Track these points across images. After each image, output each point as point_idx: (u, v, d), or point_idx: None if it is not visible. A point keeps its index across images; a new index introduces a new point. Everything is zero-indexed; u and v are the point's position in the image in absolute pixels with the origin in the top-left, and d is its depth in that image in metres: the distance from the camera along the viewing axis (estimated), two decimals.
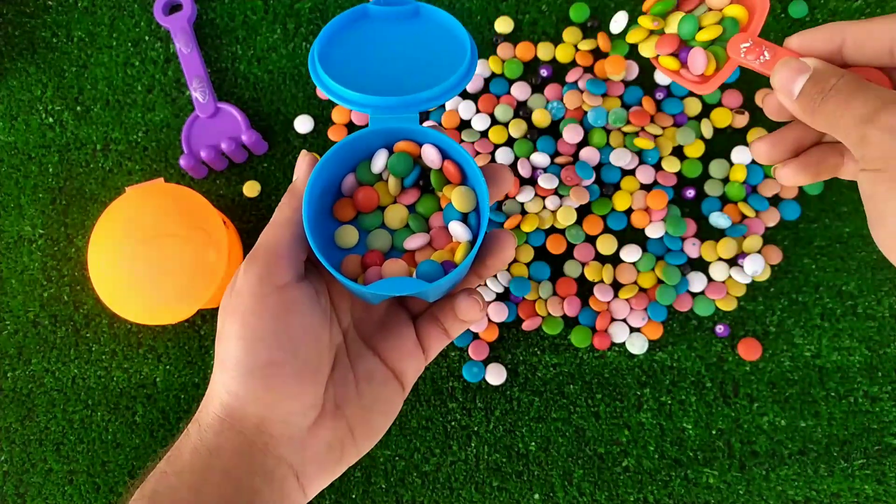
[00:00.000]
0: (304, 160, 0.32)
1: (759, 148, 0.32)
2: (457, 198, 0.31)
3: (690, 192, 0.50)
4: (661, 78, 0.51)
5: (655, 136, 0.49)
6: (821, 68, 0.28)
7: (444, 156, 0.32)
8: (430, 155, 0.32)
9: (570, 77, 0.51)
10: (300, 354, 0.29)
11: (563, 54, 0.52)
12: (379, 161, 0.32)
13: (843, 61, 0.30)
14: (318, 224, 0.31)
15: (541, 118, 0.50)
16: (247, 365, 0.28)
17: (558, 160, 0.50)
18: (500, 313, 0.48)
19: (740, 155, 0.49)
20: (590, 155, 0.49)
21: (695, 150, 0.50)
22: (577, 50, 0.52)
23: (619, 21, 0.50)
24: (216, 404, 0.29)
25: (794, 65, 0.29)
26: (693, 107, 0.50)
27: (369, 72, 0.33)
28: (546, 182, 0.48)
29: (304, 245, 0.30)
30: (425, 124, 0.34)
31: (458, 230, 0.31)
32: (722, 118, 0.50)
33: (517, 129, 0.50)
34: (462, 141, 0.51)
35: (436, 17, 0.33)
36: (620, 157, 0.48)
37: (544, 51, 0.52)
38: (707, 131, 0.49)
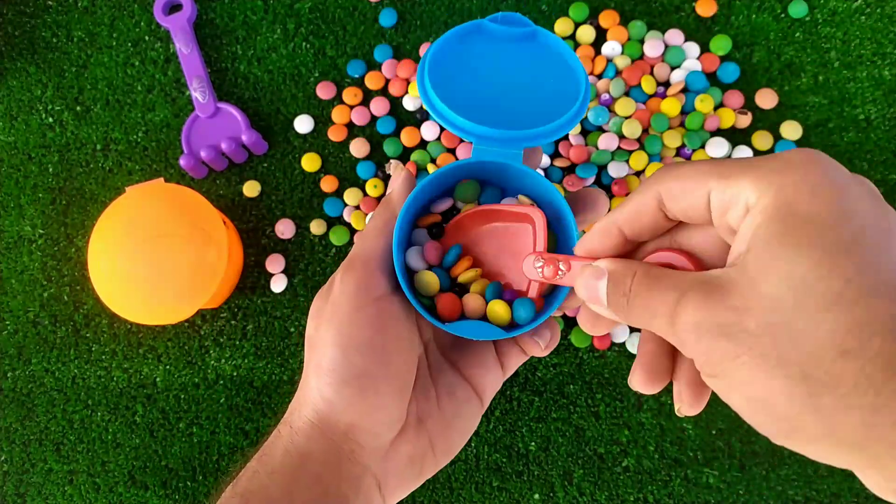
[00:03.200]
0: (399, 177, 0.32)
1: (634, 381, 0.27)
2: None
3: None
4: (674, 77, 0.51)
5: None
6: (614, 269, 0.25)
7: (528, 187, 0.32)
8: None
9: None
10: (392, 366, 0.29)
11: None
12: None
13: (639, 242, 0.26)
14: (406, 242, 0.31)
15: None
16: (343, 372, 0.28)
17: (557, 162, 0.50)
18: None
19: (741, 154, 0.49)
20: (592, 157, 0.49)
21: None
22: (576, 46, 0.52)
23: None
24: (310, 409, 0.29)
25: (589, 272, 0.25)
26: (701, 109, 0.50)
27: (477, 95, 0.32)
28: None
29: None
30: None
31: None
32: (727, 118, 0.50)
33: None
34: (462, 141, 0.51)
35: (552, 43, 0.32)
36: (619, 170, 0.49)
37: None
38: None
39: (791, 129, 0.50)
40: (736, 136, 0.51)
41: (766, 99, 0.51)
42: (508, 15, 0.33)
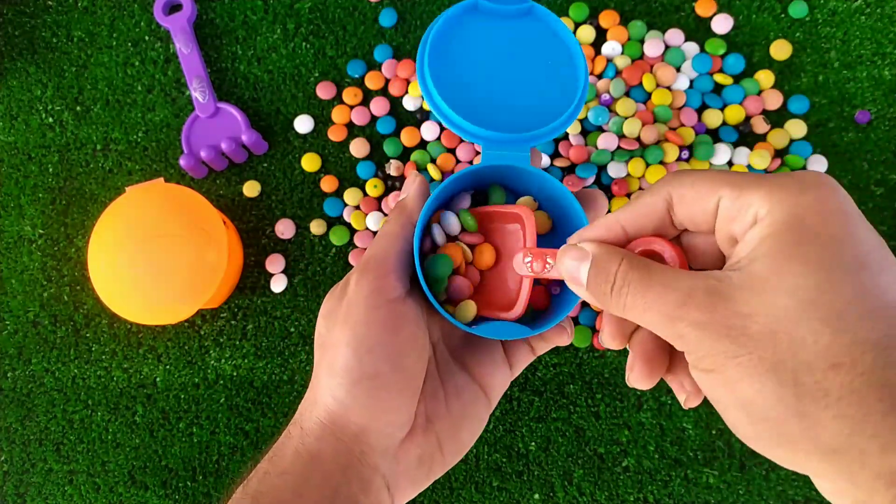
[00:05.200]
0: (414, 182, 0.32)
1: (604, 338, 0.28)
2: (537, 221, 0.32)
3: None
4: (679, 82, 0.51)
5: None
6: (598, 253, 0.25)
7: (536, 186, 0.32)
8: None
9: None
10: (405, 368, 0.29)
11: None
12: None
13: (628, 239, 0.26)
14: (421, 247, 0.32)
15: None
16: (355, 373, 0.29)
17: (557, 162, 0.50)
18: None
19: (740, 158, 0.49)
20: (592, 157, 0.49)
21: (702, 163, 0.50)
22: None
23: None
24: (321, 410, 0.30)
25: (573, 253, 0.25)
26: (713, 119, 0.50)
27: (476, 86, 0.31)
28: None
29: (411, 261, 0.31)
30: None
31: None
32: (734, 114, 0.50)
33: None
34: (462, 141, 0.51)
35: (548, 20, 0.32)
36: (619, 170, 0.49)
37: None
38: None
39: (797, 128, 0.50)
40: (749, 138, 0.50)
41: (772, 99, 0.51)
42: None
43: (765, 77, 0.51)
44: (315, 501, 0.28)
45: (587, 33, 0.52)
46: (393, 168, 0.51)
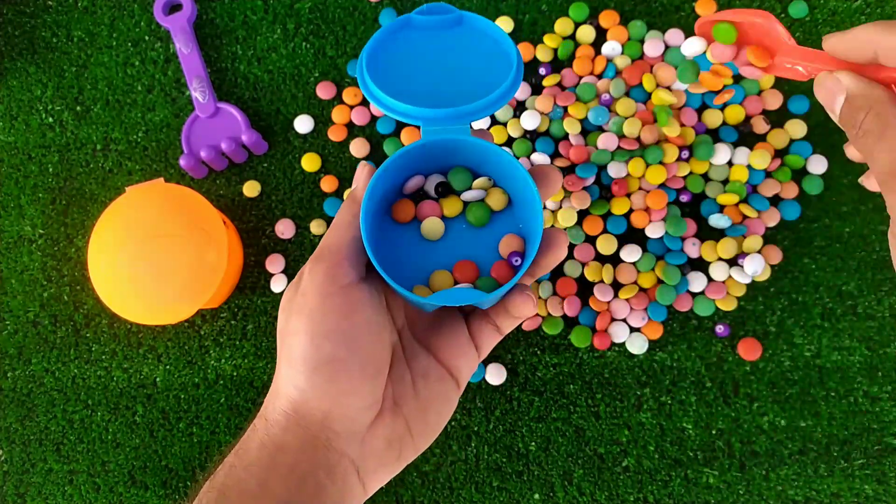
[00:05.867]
0: (363, 171, 0.33)
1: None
2: (494, 199, 0.33)
3: (685, 197, 0.49)
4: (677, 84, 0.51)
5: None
6: (853, 93, 0.28)
7: (492, 164, 0.33)
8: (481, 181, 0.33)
9: (568, 81, 0.51)
10: (362, 351, 0.30)
11: (563, 50, 0.52)
12: (431, 182, 0.34)
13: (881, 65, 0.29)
14: (376, 230, 0.32)
15: (540, 126, 0.50)
16: (313, 360, 0.29)
17: (557, 162, 0.50)
18: None
19: (741, 156, 0.49)
20: (592, 157, 0.49)
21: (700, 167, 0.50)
22: (576, 45, 0.52)
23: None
24: (283, 401, 0.30)
25: (829, 84, 0.29)
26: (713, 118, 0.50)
27: (417, 82, 0.33)
28: None
29: (364, 248, 0.31)
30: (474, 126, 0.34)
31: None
32: (734, 114, 0.50)
33: (516, 128, 0.50)
34: None
35: (479, 25, 0.34)
36: (618, 170, 0.49)
37: (544, 51, 0.52)
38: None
39: (797, 128, 0.50)
40: (749, 138, 0.50)
41: (772, 99, 0.51)
42: (434, 5, 0.34)
43: (765, 77, 0.51)
44: (281, 491, 0.28)
45: (587, 33, 0.52)
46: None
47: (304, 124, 0.53)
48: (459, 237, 0.33)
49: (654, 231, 0.49)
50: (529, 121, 0.50)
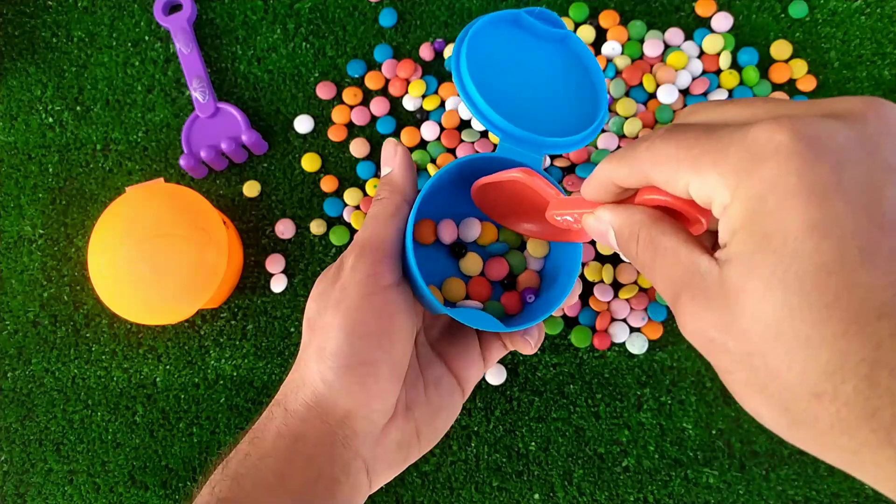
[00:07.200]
0: (395, 150, 0.32)
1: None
2: (535, 247, 0.33)
3: None
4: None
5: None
6: (616, 225, 0.23)
7: None
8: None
9: None
10: (394, 355, 0.30)
11: None
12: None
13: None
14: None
15: None
16: (346, 359, 0.29)
17: (557, 162, 0.50)
18: None
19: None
20: (592, 157, 0.49)
21: None
22: None
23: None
24: (308, 392, 0.30)
25: (592, 224, 0.25)
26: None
27: (501, 82, 0.32)
28: None
29: (402, 244, 0.31)
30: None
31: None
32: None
33: None
34: (462, 141, 0.51)
35: (578, 50, 0.33)
36: None
37: None
38: None
39: None
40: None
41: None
42: (545, 12, 0.33)
43: (777, 73, 0.51)
44: (298, 483, 0.28)
45: (587, 33, 0.52)
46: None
47: (304, 124, 0.53)
48: (482, 251, 0.33)
49: None
50: None
